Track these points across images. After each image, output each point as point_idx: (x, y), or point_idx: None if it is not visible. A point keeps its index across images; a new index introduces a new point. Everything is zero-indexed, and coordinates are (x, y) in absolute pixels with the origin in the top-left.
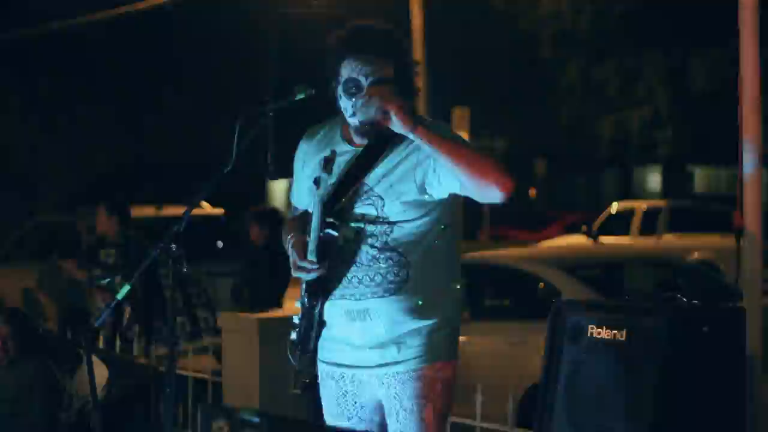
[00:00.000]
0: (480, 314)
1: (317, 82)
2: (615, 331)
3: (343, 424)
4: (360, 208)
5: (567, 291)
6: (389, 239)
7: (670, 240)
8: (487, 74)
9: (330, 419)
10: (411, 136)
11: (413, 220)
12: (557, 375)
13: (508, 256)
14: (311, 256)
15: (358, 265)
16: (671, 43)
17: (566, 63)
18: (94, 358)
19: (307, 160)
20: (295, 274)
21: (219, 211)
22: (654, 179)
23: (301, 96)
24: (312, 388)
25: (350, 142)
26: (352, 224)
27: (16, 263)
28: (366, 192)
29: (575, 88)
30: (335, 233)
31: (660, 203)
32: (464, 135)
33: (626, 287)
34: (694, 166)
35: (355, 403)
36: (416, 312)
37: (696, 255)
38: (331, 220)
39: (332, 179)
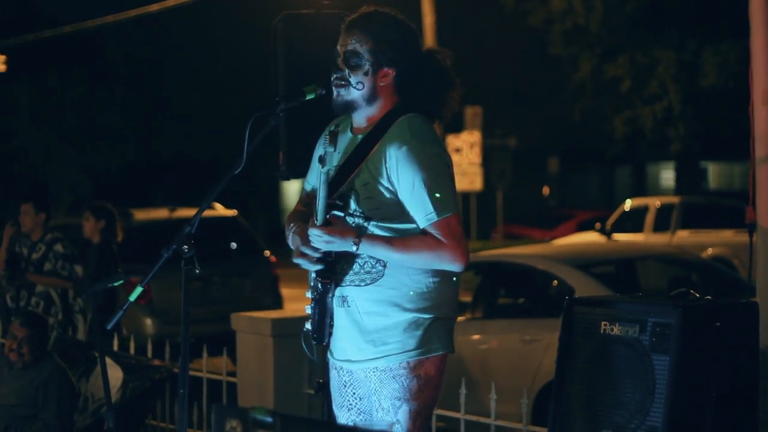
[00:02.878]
0: (494, 312)
1: (327, 82)
2: (628, 328)
3: (344, 414)
4: (344, 199)
5: (581, 288)
6: (367, 233)
7: (683, 236)
8: (499, 72)
9: (336, 408)
10: (354, 249)
11: (388, 220)
12: (571, 372)
13: (521, 254)
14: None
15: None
16: (683, 39)
17: (578, 60)
18: (109, 360)
19: (320, 147)
20: (295, 260)
21: (232, 212)
22: (667, 176)
23: (311, 96)
24: (326, 387)
25: (354, 131)
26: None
27: None
28: (349, 185)
29: (587, 85)
30: (341, 214)
31: (673, 199)
32: (476, 133)
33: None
34: (708, 162)
35: (354, 394)
36: (391, 305)
37: (710, 251)
38: (340, 203)
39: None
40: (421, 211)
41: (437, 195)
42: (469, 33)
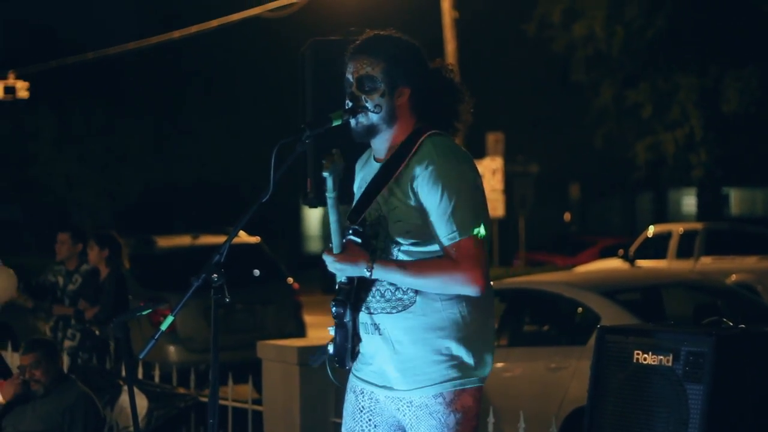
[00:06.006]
0: (519, 340)
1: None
2: (661, 357)
3: None
4: (374, 227)
5: (606, 316)
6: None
7: (707, 263)
8: (521, 98)
9: None
10: (368, 275)
11: (420, 243)
12: (603, 401)
13: (547, 282)
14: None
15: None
16: (704, 64)
17: (599, 86)
18: (135, 389)
19: (358, 172)
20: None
21: (255, 239)
22: (689, 202)
23: (337, 122)
24: None
25: (377, 159)
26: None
27: None
28: (377, 212)
29: (609, 111)
30: (358, 239)
31: (696, 226)
32: (498, 160)
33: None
34: (730, 188)
35: (370, 420)
36: (424, 334)
37: (733, 277)
38: (359, 228)
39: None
40: (443, 231)
41: (459, 215)
42: (491, 60)
